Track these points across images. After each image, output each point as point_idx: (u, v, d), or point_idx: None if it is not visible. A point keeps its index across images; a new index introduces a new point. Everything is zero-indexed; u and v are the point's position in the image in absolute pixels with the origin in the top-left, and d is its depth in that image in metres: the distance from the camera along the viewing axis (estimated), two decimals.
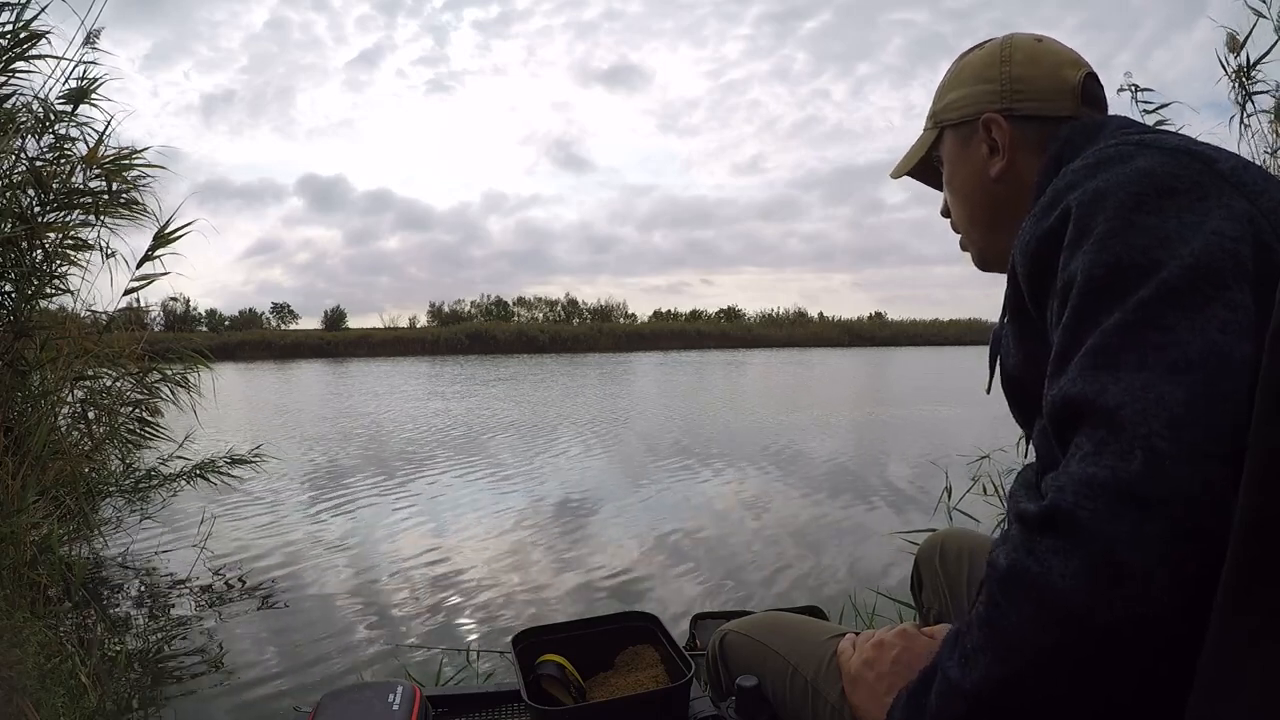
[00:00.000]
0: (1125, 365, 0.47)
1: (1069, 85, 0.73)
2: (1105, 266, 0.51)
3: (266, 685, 2.46)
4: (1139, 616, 0.43)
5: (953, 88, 0.79)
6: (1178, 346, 0.46)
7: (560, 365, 24.85)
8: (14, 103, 2.90)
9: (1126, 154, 0.56)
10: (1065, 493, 0.47)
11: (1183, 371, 0.46)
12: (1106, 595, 0.44)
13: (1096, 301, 0.50)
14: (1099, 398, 0.48)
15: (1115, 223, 0.52)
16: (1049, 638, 0.46)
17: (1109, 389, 0.47)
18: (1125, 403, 0.46)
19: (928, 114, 0.84)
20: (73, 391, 3.38)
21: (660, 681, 1.02)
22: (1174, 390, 0.45)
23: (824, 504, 4.96)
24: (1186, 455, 0.44)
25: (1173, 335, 0.47)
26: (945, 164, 0.80)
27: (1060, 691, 0.47)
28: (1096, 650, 0.45)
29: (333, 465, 6.68)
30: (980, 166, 0.76)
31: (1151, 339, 0.47)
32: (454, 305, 51.86)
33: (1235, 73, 2.40)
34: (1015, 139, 0.74)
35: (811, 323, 51.60)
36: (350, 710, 0.95)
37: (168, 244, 3.34)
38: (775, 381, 17.79)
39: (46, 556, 2.46)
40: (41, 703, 1.73)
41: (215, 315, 44.89)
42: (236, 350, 32.94)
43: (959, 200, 0.80)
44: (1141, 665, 0.46)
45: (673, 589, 3.36)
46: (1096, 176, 0.55)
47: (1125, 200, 0.52)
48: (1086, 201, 0.54)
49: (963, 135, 0.77)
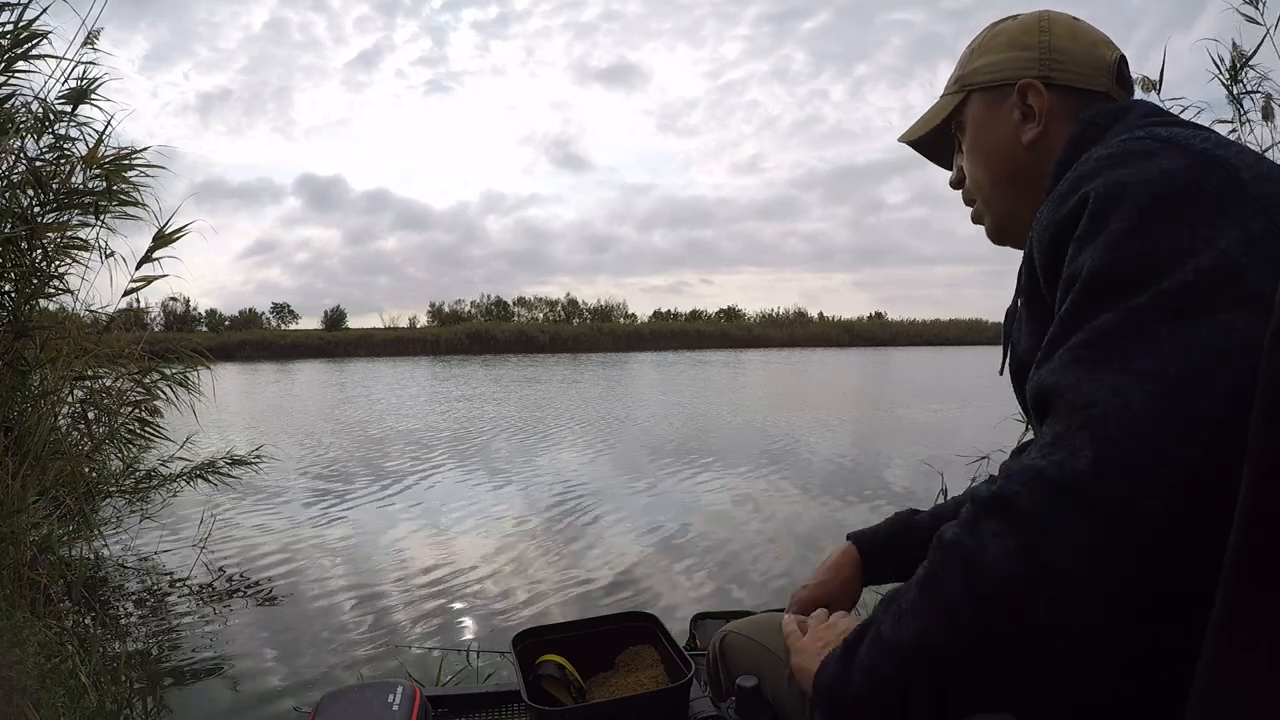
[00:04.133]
0: (1104, 366, 0.48)
1: (1106, 63, 0.73)
2: (1109, 267, 0.51)
3: (266, 685, 2.46)
4: (1060, 611, 0.46)
5: (985, 52, 0.77)
6: (1158, 358, 0.46)
7: (562, 365, 24.84)
8: (14, 103, 2.90)
9: (1152, 149, 0.55)
10: (1013, 480, 0.48)
11: (1157, 384, 0.46)
12: (1032, 585, 0.46)
13: (1094, 300, 0.51)
14: (1070, 391, 0.49)
15: (1128, 224, 0.51)
16: (974, 613, 0.49)
17: (1082, 385, 0.48)
18: (1093, 402, 0.47)
19: (950, 79, 0.81)
20: (73, 391, 3.38)
21: (660, 682, 1.02)
22: (1143, 400, 0.46)
23: (824, 504, 4.96)
24: (1135, 465, 0.45)
25: (1157, 347, 0.47)
26: (969, 128, 0.78)
27: (978, 662, 0.50)
28: (1016, 632, 0.47)
29: (333, 465, 6.68)
30: (1011, 132, 0.74)
31: (1135, 346, 0.47)
32: (454, 305, 51.95)
33: (1230, 72, 2.40)
34: (1052, 107, 0.72)
35: (811, 323, 51.63)
36: (350, 710, 0.95)
37: (167, 244, 3.34)
38: (775, 382, 17.78)
39: (46, 556, 2.46)
40: (41, 703, 1.73)
41: (215, 315, 44.91)
42: (236, 350, 32.92)
43: (983, 165, 0.77)
44: (1059, 653, 0.48)
45: (673, 589, 3.36)
46: (1118, 169, 0.54)
47: (1142, 202, 0.51)
48: (1104, 196, 0.53)
49: (993, 99, 0.75)
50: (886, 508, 4.74)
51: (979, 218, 0.82)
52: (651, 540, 4.12)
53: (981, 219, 0.82)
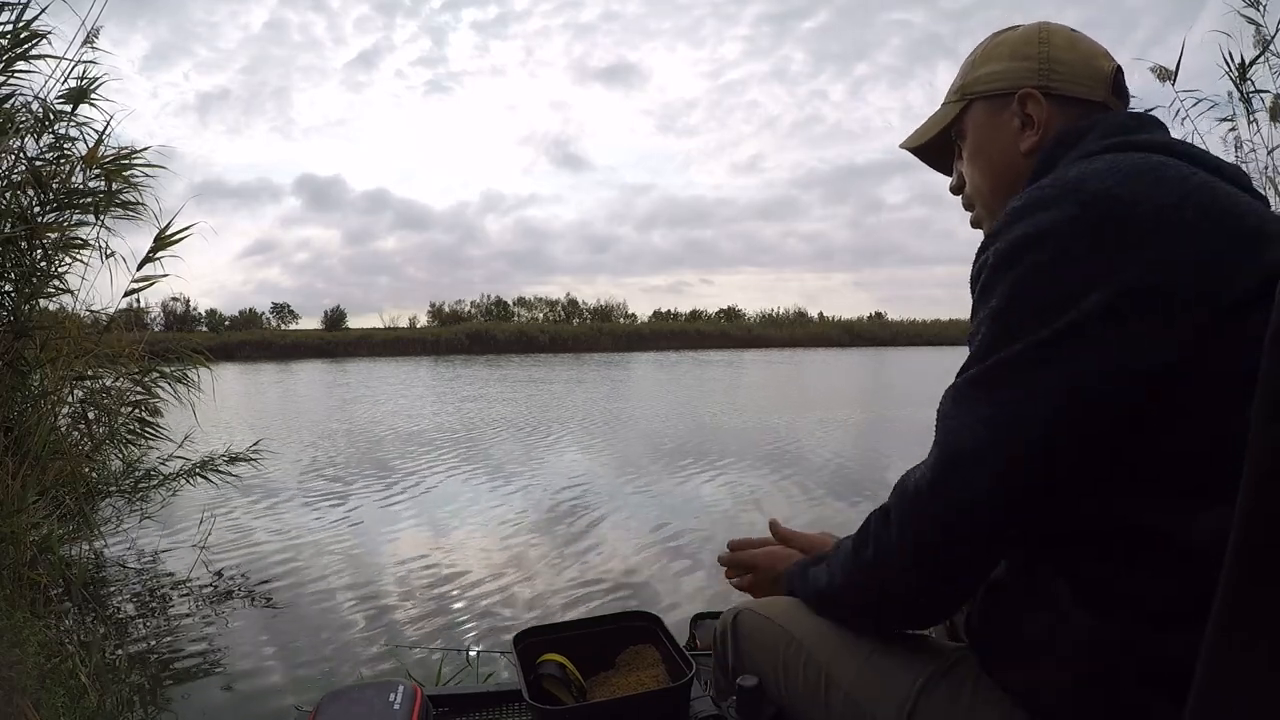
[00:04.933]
0: (962, 407, 0.61)
1: (1103, 73, 0.75)
2: (985, 335, 0.61)
3: (266, 685, 2.46)
4: (876, 599, 0.71)
5: (986, 62, 0.80)
6: (993, 406, 0.58)
7: (565, 365, 24.85)
8: (14, 103, 2.90)
9: (1046, 201, 0.59)
10: (895, 489, 0.67)
11: (986, 428, 0.58)
12: (869, 576, 0.70)
13: (974, 354, 0.62)
14: (940, 420, 0.63)
15: (1002, 299, 0.59)
16: (856, 582, 0.73)
17: (947, 420, 0.62)
18: (943, 434, 0.62)
19: (951, 89, 0.85)
20: (73, 391, 3.38)
21: (661, 681, 1.03)
22: (972, 440, 0.59)
23: (824, 504, 4.97)
24: (941, 493, 0.61)
25: (993, 396, 0.59)
26: (970, 135, 0.81)
27: (854, 618, 0.78)
28: (870, 602, 0.73)
29: (333, 465, 6.68)
30: (1011, 139, 0.77)
31: (981, 395, 0.60)
32: (454, 305, 51.93)
33: (1238, 70, 2.40)
34: (1050, 115, 0.75)
35: (811, 323, 51.60)
36: (351, 710, 0.95)
37: (168, 246, 3.35)
38: (776, 381, 17.79)
39: (46, 556, 2.47)
40: (41, 703, 1.73)
41: (215, 315, 44.88)
42: (236, 350, 32.88)
43: (984, 171, 0.80)
44: (878, 623, 0.76)
45: (673, 589, 3.36)
46: (1012, 229, 0.60)
47: (1018, 273, 0.59)
48: (991, 266, 0.61)
49: (994, 108, 0.78)
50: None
51: (979, 222, 0.85)
52: (652, 540, 4.12)
53: (981, 224, 0.84)
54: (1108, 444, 0.55)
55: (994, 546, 0.62)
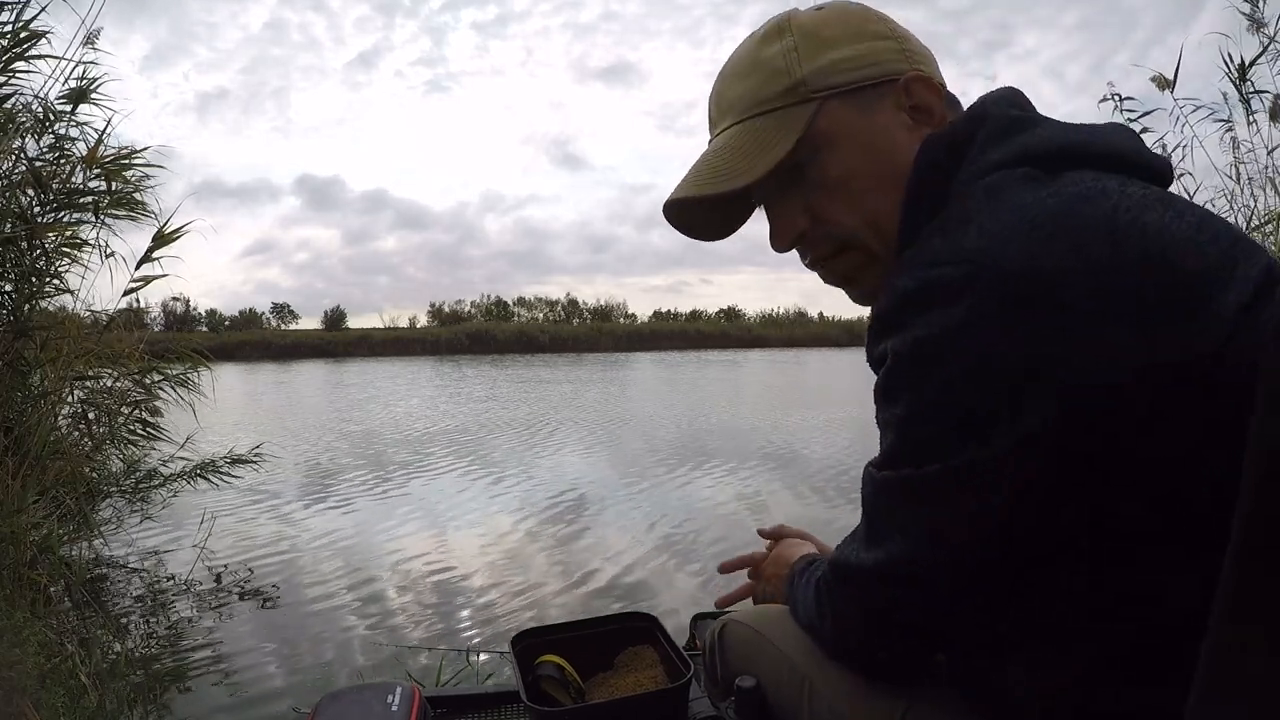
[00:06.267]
0: (884, 505, 0.57)
1: (930, 55, 0.63)
2: (894, 445, 0.54)
3: (266, 685, 2.46)
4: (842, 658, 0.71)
5: (829, 46, 0.59)
6: (896, 529, 0.56)
7: (569, 365, 24.85)
8: (14, 103, 2.90)
9: (949, 288, 0.47)
10: (831, 562, 0.67)
11: (912, 542, 0.55)
12: (830, 644, 0.72)
13: (892, 454, 0.55)
14: (865, 506, 0.60)
15: (907, 412, 0.52)
16: (822, 640, 0.73)
17: (873, 513, 0.59)
18: (869, 527, 0.59)
19: (759, 98, 0.60)
20: (73, 391, 3.38)
21: (660, 682, 1.02)
22: (901, 549, 0.56)
23: (825, 504, 4.96)
24: (873, 587, 0.60)
25: (894, 518, 0.56)
26: (836, 145, 0.59)
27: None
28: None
29: (333, 465, 6.67)
30: (900, 139, 0.59)
31: (905, 504, 0.55)
32: (454, 305, 51.98)
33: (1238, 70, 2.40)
34: (940, 105, 0.60)
35: (812, 323, 51.58)
36: (350, 710, 0.95)
37: (167, 244, 3.35)
38: (775, 382, 17.78)
39: (46, 556, 2.47)
40: (41, 703, 1.73)
41: (215, 315, 44.92)
42: (236, 350, 32.87)
43: (861, 197, 0.59)
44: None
45: (673, 589, 3.36)
46: (909, 327, 0.49)
47: (926, 387, 0.50)
48: (889, 370, 0.52)
49: (864, 102, 0.59)
50: None
51: (850, 271, 0.64)
52: (651, 540, 4.12)
53: (852, 273, 0.65)
54: (1049, 542, 0.51)
55: (936, 626, 0.60)
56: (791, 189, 0.61)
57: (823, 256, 0.64)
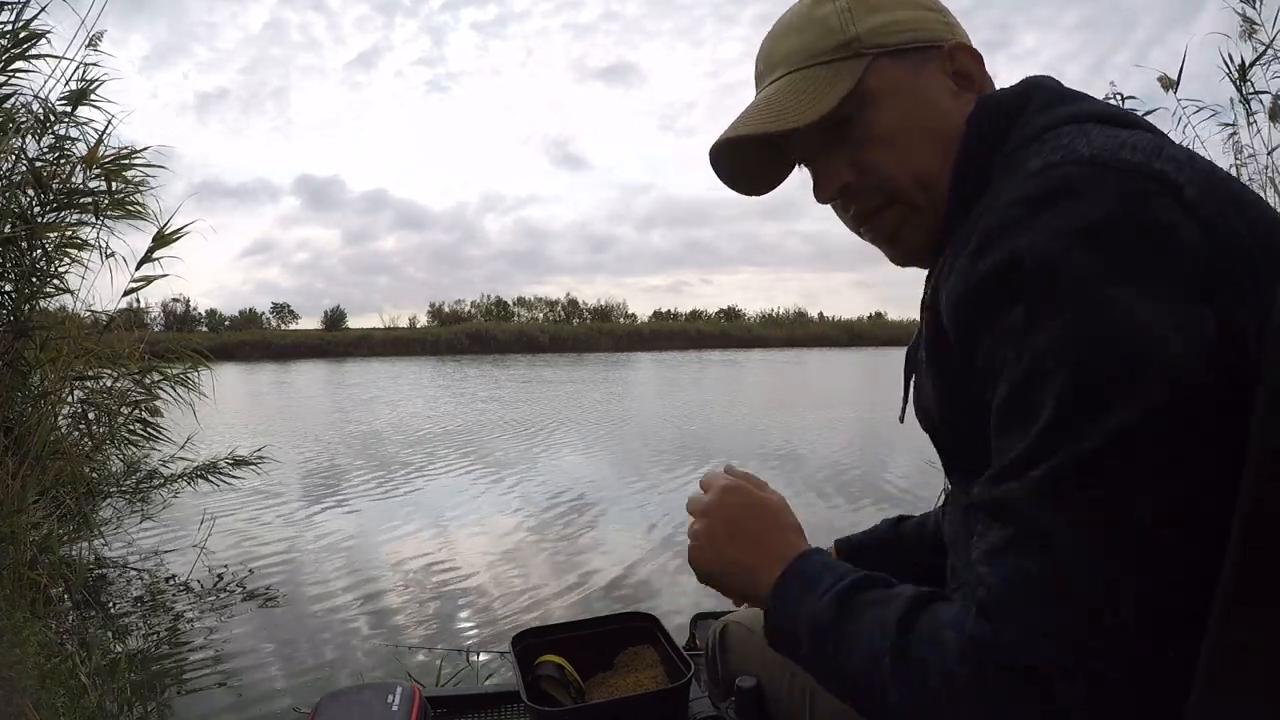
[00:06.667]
0: (1059, 514, 0.42)
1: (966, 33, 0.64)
2: (1070, 374, 0.42)
3: (266, 685, 2.46)
4: None
5: (879, 10, 0.60)
6: (1120, 510, 0.41)
7: (571, 365, 24.84)
8: (14, 103, 2.90)
9: (1075, 183, 0.45)
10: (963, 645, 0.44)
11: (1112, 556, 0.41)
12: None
13: (1043, 435, 0.43)
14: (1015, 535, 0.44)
15: (1075, 311, 0.42)
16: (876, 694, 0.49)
17: (960, 617, 0.45)
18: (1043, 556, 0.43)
19: (814, 50, 0.60)
20: (73, 391, 3.38)
21: (660, 682, 1.02)
22: (1093, 572, 0.41)
23: (825, 504, 4.96)
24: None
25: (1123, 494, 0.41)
26: (886, 100, 0.59)
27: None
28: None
29: (333, 465, 6.67)
30: (947, 102, 0.59)
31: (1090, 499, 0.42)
32: (454, 305, 52.01)
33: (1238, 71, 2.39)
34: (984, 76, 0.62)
35: (812, 323, 51.66)
36: (350, 710, 0.95)
37: (167, 244, 3.35)
38: (774, 382, 17.78)
39: (46, 556, 2.47)
40: (41, 703, 1.73)
41: (215, 315, 44.94)
42: (236, 350, 32.87)
43: (909, 151, 0.59)
44: None
45: (673, 589, 3.36)
46: (1041, 219, 0.44)
47: (1083, 277, 0.42)
48: (1035, 272, 0.44)
49: (913, 63, 0.60)
50: (886, 507, 4.74)
51: (893, 227, 0.62)
52: (651, 540, 4.12)
53: (896, 229, 0.62)
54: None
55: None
56: (836, 145, 0.61)
57: (866, 211, 0.63)
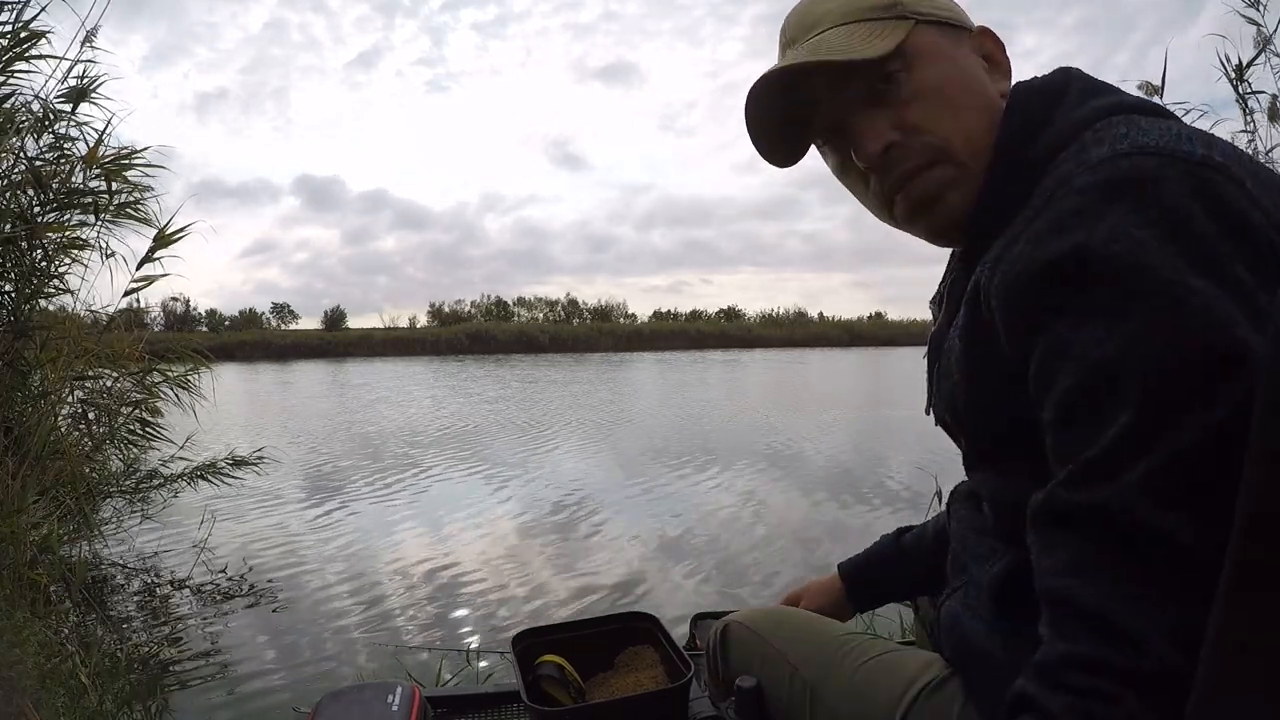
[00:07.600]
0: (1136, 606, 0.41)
1: None
2: (1156, 367, 0.42)
3: (266, 685, 2.46)
4: None
5: None
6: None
7: (572, 365, 24.84)
8: (14, 103, 2.90)
9: (1146, 173, 0.45)
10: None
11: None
12: None
13: (1124, 479, 0.42)
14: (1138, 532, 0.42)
15: (1155, 303, 0.42)
16: None
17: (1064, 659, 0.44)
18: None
19: (854, 5, 0.60)
20: (73, 392, 3.38)
21: (660, 682, 1.02)
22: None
23: (825, 504, 4.96)
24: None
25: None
26: (928, 61, 0.59)
27: None
28: None
29: (333, 466, 6.67)
30: (983, 77, 0.61)
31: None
32: (454, 305, 51.97)
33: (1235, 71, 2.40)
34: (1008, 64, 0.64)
35: (811, 323, 51.60)
36: (350, 710, 0.95)
37: (168, 244, 3.35)
38: (774, 382, 17.78)
39: (46, 556, 2.46)
40: (41, 703, 1.73)
41: (215, 315, 44.88)
42: (236, 350, 32.83)
43: (957, 109, 0.58)
44: None
45: (673, 589, 3.36)
46: (1114, 210, 0.44)
47: (1162, 269, 0.42)
48: (1110, 261, 0.43)
49: (951, 37, 0.61)
50: (886, 507, 4.75)
51: (936, 190, 0.59)
52: (651, 540, 4.12)
53: (938, 191, 0.59)
54: None
55: None
56: (877, 107, 0.59)
57: (910, 171, 0.59)
